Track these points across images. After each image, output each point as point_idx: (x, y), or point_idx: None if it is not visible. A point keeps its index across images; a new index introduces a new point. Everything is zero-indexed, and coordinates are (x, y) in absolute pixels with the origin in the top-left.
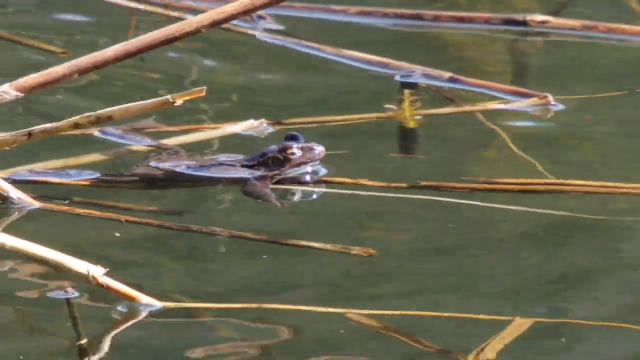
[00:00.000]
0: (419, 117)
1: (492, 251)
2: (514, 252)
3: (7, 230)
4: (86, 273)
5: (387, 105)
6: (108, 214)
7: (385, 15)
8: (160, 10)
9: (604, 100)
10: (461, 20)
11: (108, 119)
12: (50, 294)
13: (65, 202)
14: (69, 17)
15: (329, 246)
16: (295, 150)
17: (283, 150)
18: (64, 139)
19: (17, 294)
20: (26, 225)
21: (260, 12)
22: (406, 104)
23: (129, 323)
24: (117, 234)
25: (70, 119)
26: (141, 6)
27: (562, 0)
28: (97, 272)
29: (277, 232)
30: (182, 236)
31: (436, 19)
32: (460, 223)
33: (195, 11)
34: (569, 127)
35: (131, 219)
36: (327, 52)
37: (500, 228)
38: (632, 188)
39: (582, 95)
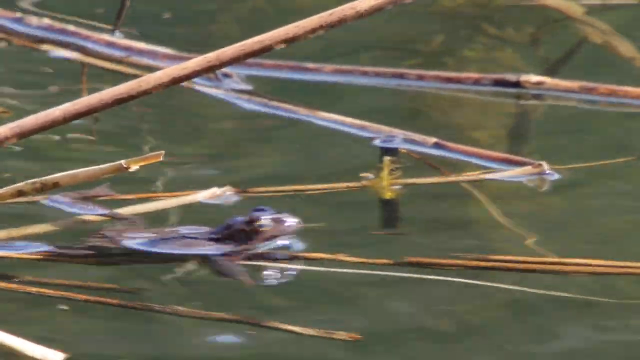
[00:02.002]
0: (397, 187)
1: (483, 332)
2: (506, 333)
3: None
4: (43, 359)
5: (363, 174)
6: (64, 293)
7: (364, 73)
8: (113, 66)
9: (604, 169)
10: (448, 80)
11: (54, 186)
12: None
13: (15, 280)
14: (12, 72)
15: (310, 330)
16: (264, 221)
17: (250, 222)
18: (8, 207)
19: None
20: None
21: (226, 70)
22: (385, 172)
23: None
24: (72, 315)
25: (13, 186)
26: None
27: (558, 59)
28: (56, 358)
29: (249, 312)
30: (143, 317)
31: (420, 78)
32: (450, 303)
33: (153, 70)
34: (566, 199)
35: (91, 298)
36: (301, 113)
37: (492, 307)
38: (635, 267)
39: (581, 164)
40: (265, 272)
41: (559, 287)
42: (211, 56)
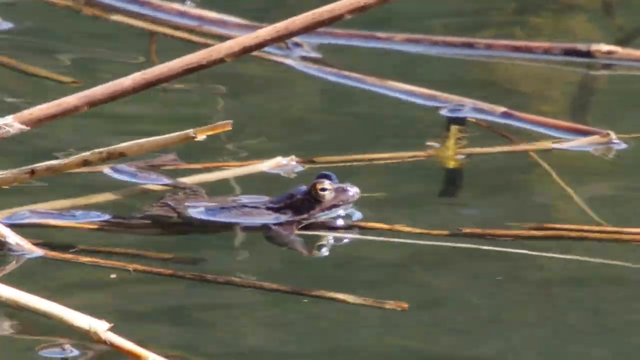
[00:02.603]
0: (462, 156)
1: (539, 304)
2: (562, 303)
3: (4, 280)
4: (88, 328)
5: (429, 143)
6: (116, 262)
7: (434, 43)
8: (184, 35)
9: None
10: (517, 49)
11: (120, 156)
12: (44, 353)
13: (70, 250)
14: (81, 42)
15: (360, 299)
16: (328, 191)
17: (314, 191)
18: (71, 177)
19: (8, 352)
20: (25, 275)
21: (296, 39)
22: (451, 141)
23: None
24: (124, 284)
25: (78, 156)
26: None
27: (630, 28)
28: (100, 327)
29: (304, 282)
30: (197, 286)
31: (489, 47)
32: (505, 274)
33: (223, 39)
34: (633, 168)
35: (140, 267)
36: (369, 83)
37: (549, 278)
38: None
39: None
40: (322, 242)
41: (619, 257)
42: (281, 26)
